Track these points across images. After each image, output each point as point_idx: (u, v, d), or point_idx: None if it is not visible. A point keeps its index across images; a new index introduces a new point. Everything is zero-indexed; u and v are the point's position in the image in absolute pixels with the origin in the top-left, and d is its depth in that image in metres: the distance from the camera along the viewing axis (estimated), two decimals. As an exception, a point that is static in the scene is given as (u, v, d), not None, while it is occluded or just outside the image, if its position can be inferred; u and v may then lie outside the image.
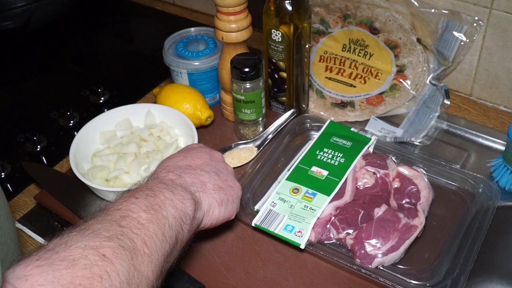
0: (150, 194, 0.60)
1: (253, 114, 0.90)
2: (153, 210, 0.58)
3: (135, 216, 0.56)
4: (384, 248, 0.72)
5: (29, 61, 1.24)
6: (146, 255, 0.54)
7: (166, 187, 0.62)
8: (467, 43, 0.94)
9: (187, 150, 0.72)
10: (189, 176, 0.66)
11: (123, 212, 0.56)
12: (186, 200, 0.62)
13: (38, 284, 0.46)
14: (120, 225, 0.54)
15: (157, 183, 0.63)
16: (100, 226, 0.53)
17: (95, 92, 1.07)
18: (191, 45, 1.02)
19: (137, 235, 0.54)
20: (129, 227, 0.54)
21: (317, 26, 1.02)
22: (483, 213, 0.76)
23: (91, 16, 1.37)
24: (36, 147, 0.97)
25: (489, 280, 0.90)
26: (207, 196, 0.66)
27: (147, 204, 0.58)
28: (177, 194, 0.62)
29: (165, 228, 0.57)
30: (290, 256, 0.75)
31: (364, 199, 0.80)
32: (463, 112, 0.98)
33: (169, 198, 0.60)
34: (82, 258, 0.48)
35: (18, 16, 1.16)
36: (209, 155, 0.72)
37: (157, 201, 0.59)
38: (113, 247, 0.51)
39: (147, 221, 0.56)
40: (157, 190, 0.61)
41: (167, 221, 0.58)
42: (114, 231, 0.53)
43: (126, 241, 0.52)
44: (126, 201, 0.58)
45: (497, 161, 0.85)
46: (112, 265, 0.49)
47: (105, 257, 0.50)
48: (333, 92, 0.99)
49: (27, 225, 0.84)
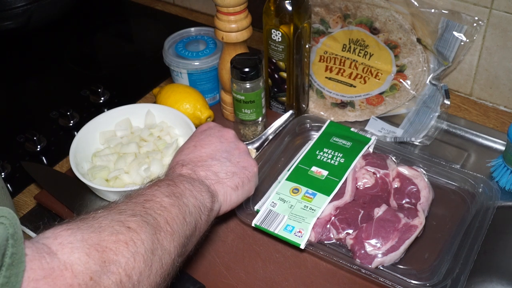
0: (172, 184, 0.63)
1: (253, 114, 0.90)
2: (175, 196, 0.61)
3: (158, 200, 0.59)
4: (384, 248, 0.72)
5: (29, 61, 1.23)
6: (169, 233, 0.57)
7: (185, 179, 0.66)
8: (467, 43, 0.94)
9: (197, 136, 0.74)
10: (202, 170, 0.69)
11: (147, 196, 0.60)
12: (204, 192, 0.65)
13: (68, 242, 0.48)
14: (144, 207, 0.57)
15: (176, 175, 0.67)
16: (125, 207, 0.57)
17: (95, 92, 1.07)
18: (191, 45, 1.02)
19: (160, 215, 0.57)
20: (153, 208, 0.58)
21: (317, 26, 1.02)
22: (483, 213, 0.76)
23: (91, 16, 1.37)
24: (36, 147, 0.97)
25: (489, 280, 0.90)
26: (222, 186, 0.69)
27: (169, 191, 0.61)
28: (196, 187, 0.65)
29: (185, 213, 0.60)
30: (290, 256, 0.75)
31: (364, 199, 0.79)
32: (463, 112, 0.98)
33: (189, 189, 0.64)
34: (109, 227, 0.52)
35: (18, 16, 1.16)
36: (218, 139, 0.73)
37: (178, 190, 0.62)
38: (138, 221, 0.54)
39: (169, 205, 0.59)
40: (178, 181, 0.64)
41: (187, 208, 0.61)
42: (139, 211, 0.56)
43: (150, 218, 0.56)
44: (149, 189, 0.62)
45: (497, 161, 0.85)
46: (137, 235, 0.53)
47: (131, 228, 0.53)
48: (333, 92, 0.99)
49: (27, 225, 0.84)
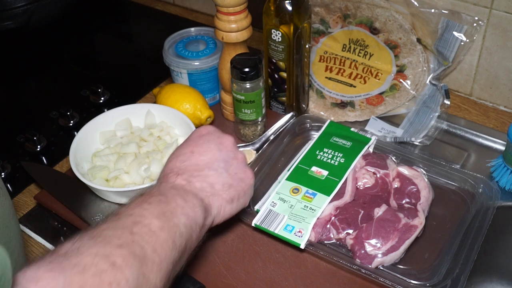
0: (163, 201, 0.60)
1: (253, 114, 0.90)
2: (165, 217, 0.58)
3: (146, 222, 0.56)
4: (384, 248, 0.72)
5: (29, 61, 1.23)
6: (156, 264, 0.54)
7: (178, 193, 0.63)
8: (467, 43, 0.94)
9: (194, 141, 0.71)
10: (198, 180, 0.66)
11: (135, 218, 0.57)
12: (197, 207, 0.63)
13: (49, 287, 0.46)
14: (132, 232, 0.54)
15: (169, 188, 0.64)
16: (111, 233, 0.54)
17: (95, 92, 1.07)
18: (191, 45, 1.02)
19: (148, 242, 0.54)
20: (140, 234, 0.55)
21: (317, 26, 1.02)
22: (483, 213, 0.76)
23: (91, 16, 1.37)
24: (36, 147, 0.97)
25: (489, 280, 0.90)
26: (217, 199, 0.67)
27: (159, 211, 0.58)
28: (189, 202, 0.62)
29: (175, 236, 0.58)
30: (290, 256, 0.75)
31: (364, 199, 0.79)
32: (463, 112, 0.98)
33: (181, 206, 0.61)
34: (92, 266, 0.49)
35: (18, 16, 1.16)
36: (217, 146, 0.71)
37: (169, 208, 0.60)
38: (124, 255, 0.51)
39: (158, 229, 0.56)
40: (170, 196, 0.61)
41: (178, 229, 0.58)
42: (125, 239, 0.53)
43: (136, 249, 0.53)
44: (138, 207, 0.58)
45: (497, 161, 0.85)
46: (122, 273, 0.50)
47: (115, 265, 0.50)
48: (333, 92, 0.99)
49: (27, 225, 0.84)
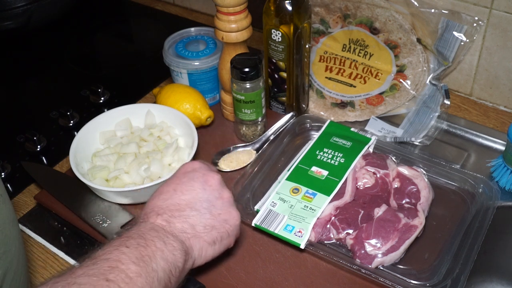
0: (142, 244, 0.58)
1: (253, 114, 0.90)
2: (143, 262, 0.56)
3: (123, 268, 0.55)
4: (384, 248, 0.72)
5: (29, 61, 1.23)
6: None
7: (158, 235, 0.61)
8: (467, 43, 0.94)
9: (179, 178, 0.69)
10: (178, 221, 0.64)
11: (112, 262, 0.55)
12: (177, 251, 0.61)
13: None
14: (107, 279, 0.53)
15: (148, 229, 0.62)
16: (86, 280, 0.52)
17: (95, 92, 1.07)
18: (191, 45, 1.02)
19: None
20: (117, 281, 0.53)
21: (317, 26, 1.02)
22: (483, 213, 0.76)
23: (91, 16, 1.37)
24: (36, 147, 0.97)
25: (489, 280, 0.90)
26: (198, 241, 0.65)
27: (137, 255, 0.57)
28: (168, 244, 0.60)
29: (153, 282, 0.56)
30: (290, 256, 0.75)
31: (364, 199, 0.80)
32: (463, 112, 0.98)
33: (160, 249, 0.59)
34: None
35: (18, 16, 1.16)
36: (201, 185, 0.68)
37: (148, 252, 0.58)
38: None
39: (135, 275, 0.55)
40: (149, 239, 0.60)
41: (156, 274, 0.57)
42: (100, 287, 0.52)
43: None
44: (116, 250, 0.57)
45: (497, 161, 0.85)
46: None
47: None
48: (333, 92, 0.99)
49: (27, 225, 0.84)
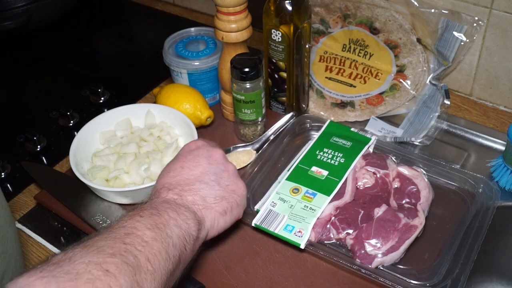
0: (155, 213, 0.60)
1: (253, 114, 0.90)
2: (158, 228, 0.58)
3: (139, 233, 0.56)
4: (384, 248, 0.72)
5: (29, 61, 1.23)
6: (150, 272, 0.54)
7: (170, 206, 0.62)
8: (467, 43, 0.94)
9: (184, 156, 0.71)
10: (189, 194, 0.66)
11: (128, 229, 0.56)
12: (190, 220, 0.62)
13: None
14: (124, 242, 0.54)
15: (161, 202, 0.63)
16: (104, 243, 0.53)
17: (95, 92, 1.07)
18: (191, 45, 1.02)
19: (141, 252, 0.54)
20: (133, 244, 0.54)
21: (317, 26, 1.02)
22: (483, 213, 0.76)
23: (91, 16, 1.37)
24: (36, 147, 0.97)
25: (489, 280, 0.90)
26: (210, 212, 0.66)
27: (151, 223, 0.58)
28: (181, 214, 0.62)
29: (169, 247, 0.57)
30: (290, 256, 0.75)
31: (364, 199, 0.79)
32: (463, 112, 0.98)
33: (173, 218, 0.61)
34: (85, 273, 0.48)
35: (18, 16, 1.16)
36: (206, 160, 0.70)
37: (162, 220, 0.59)
38: (117, 262, 0.51)
39: (151, 239, 0.56)
40: (162, 210, 0.61)
41: (171, 240, 0.58)
42: (118, 248, 0.53)
43: (129, 257, 0.52)
44: (131, 219, 0.58)
45: (497, 161, 0.85)
46: (116, 280, 0.49)
47: (109, 272, 0.49)
48: (333, 92, 0.99)
49: (27, 225, 0.84)
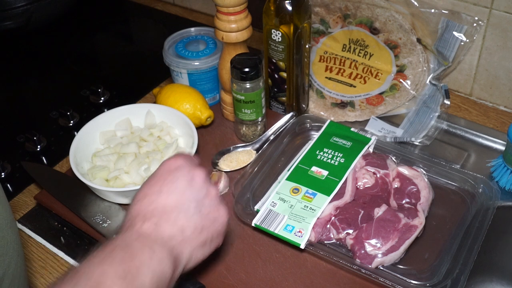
0: (127, 258, 0.56)
1: (253, 114, 0.90)
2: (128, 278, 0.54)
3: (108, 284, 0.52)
4: (384, 248, 0.72)
5: (29, 61, 1.23)
6: None
7: (144, 245, 0.58)
8: (467, 43, 0.94)
9: (163, 178, 0.64)
10: (167, 226, 0.61)
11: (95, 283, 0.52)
12: (165, 260, 0.58)
13: None
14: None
15: (135, 237, 0.59)
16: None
17: (95, 92, 1.07)
18: (191, 45, 1.02)
19: None
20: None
21: (317, 26, 1.02)
22: (483, 213, 0.76)
23: (91, 16, 1.37)
24: (36, 147, 0.97)
25: (489, 280, 0.90)
26: (188, 245, 0.62)
27: (122, 270, 0.54)
28: (156, 254, 0.58)
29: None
30: (290, 256, 0.75)
31: (364, 199, 0.79)
32: (463, 112, 0.98)
33: (147, 262, 0.56)
34: None
35: (18, 16, 1.16)
36: (187, 183, 0.64)
37: (134, 266, 0.55)
38: None
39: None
40: (135, 250, 0.57)
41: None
42: None
43: None
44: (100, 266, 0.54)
45: (497, 161, 0.85)
46: None
47: None
48: (333, 92, 0.99)
49: (27, 225, 0.84)
